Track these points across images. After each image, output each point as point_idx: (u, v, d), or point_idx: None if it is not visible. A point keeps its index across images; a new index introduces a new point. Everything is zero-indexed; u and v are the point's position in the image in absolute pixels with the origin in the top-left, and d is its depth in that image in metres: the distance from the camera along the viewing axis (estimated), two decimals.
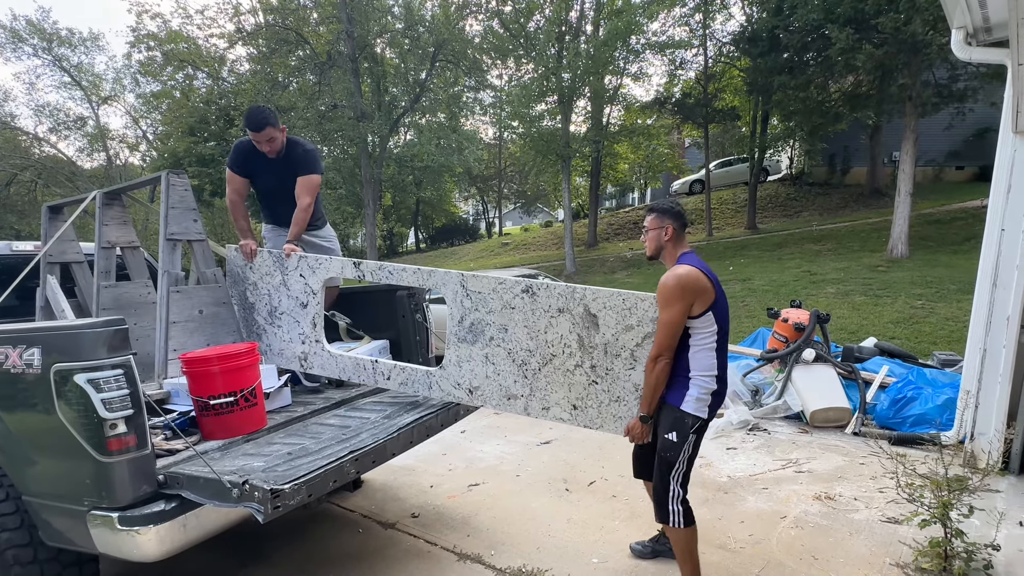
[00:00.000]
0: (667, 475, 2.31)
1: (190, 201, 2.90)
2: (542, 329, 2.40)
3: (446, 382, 2.62)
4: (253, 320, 3.07)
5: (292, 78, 19.27)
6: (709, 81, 18.67)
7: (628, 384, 2.33)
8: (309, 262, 2.86)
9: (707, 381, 2.27)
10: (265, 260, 2.99)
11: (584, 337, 2.34)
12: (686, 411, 2.26)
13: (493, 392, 2.52)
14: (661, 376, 2.22)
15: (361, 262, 2.76)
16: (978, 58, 3.56)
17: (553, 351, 2.40)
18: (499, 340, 2.47)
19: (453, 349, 2.58)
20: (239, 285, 3.08)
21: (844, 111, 14.57)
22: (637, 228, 22.57)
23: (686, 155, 28.51)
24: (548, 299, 2.37)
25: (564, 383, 2.41)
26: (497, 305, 2.45)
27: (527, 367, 2.44)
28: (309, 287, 2.86)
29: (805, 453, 4.11)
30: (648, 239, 2.42)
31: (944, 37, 8.67)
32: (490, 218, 38.08)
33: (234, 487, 1.84)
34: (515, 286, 2.42)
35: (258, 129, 2.92)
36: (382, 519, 3.46)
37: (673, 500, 2.31)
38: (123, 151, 27.32)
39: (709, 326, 2.25)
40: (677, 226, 2.36)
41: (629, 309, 2.27)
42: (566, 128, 17.48)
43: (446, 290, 2.56)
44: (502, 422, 5.29)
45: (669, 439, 2.28)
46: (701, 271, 2.23)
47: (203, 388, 2.31)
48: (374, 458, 2.25)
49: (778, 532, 3.04)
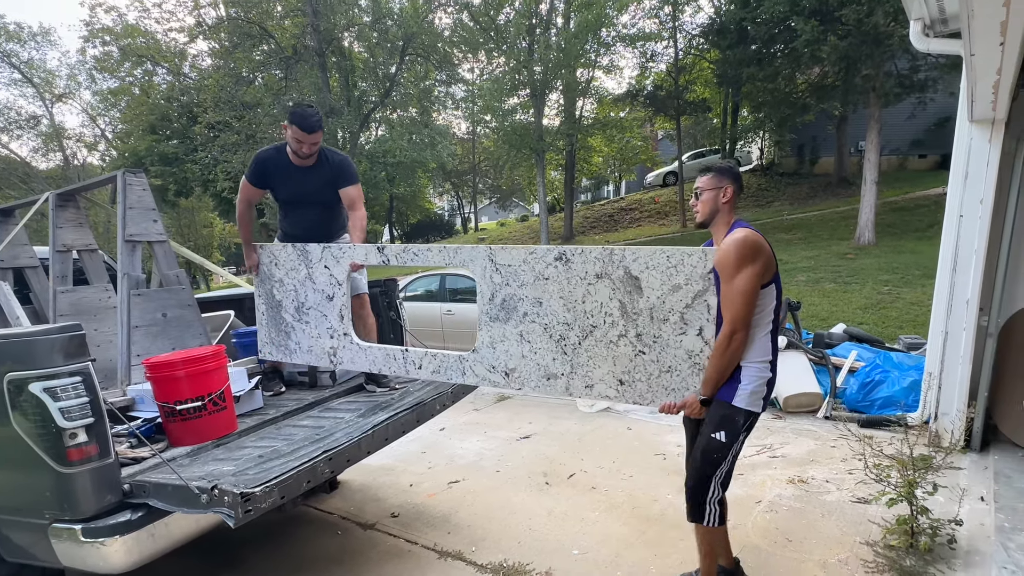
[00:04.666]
0: (710, 475, 2.12)
1: (149, 201, 2.80)
2: (579, 299, 2.21)
3: (480, 366, 2.44)
4: (281, 319, 2.95)
5: (257, 73, 18.82)
6: (680, 73, 18.88)
7: (680, 352, 2.10)
8: (332, 251, 2.72)
9: (761, 369, 2.05)
10: (290, 254, 2.85)
11: (626, 303, 2.14)
12: (738, 407, 2.04)
13: (531, 373, 2.34)
14: (737, 354, 1.99)
15: (385, 246, 2.63)
16: (935, 49, 3.65)
17: (593, 322, 2.20)
18: (534, 315, 2.29)
19: (485, 329, 2.40)
20: (266, 283, 2.96)
21: (811, 102, 14.91)
22: (613, 221, 22.75)
23: (659, 147, 28.83)
24: (584, 265, 2.18)
25: (608, 356, 2.20)
26: (529, 277, 2.27)
27: (566, 342, 2.26)
28: (334, 278, 2.73)
29: (779, 438, 4.20)
30: (702, 202, 2.18)
31: (904, 29, 8.89)
32: (465, 213, 37.93)
33: (203, 493, 1.80)
34: (547, 254, 2.24)
35: (311, 131, 2.71)
36: (361, 520, 3.41)
37: (711, 500, 2.15)
38: (81, 151, 26.37)
39: (770, 301, 2.04)
40: (736, 188, 2.15)
41: (675, 267, 2.05)
42: (539, 122, 17.49)
43: (474, 266, 2.39)
44: (482, 418, 5.28)
45: (717, 439, 2.07)
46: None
47: (169, 393, 2.24)
48: (348, 457, 2.22)
49: (753, 516, 3.10)
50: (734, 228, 2.09)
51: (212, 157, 17.91)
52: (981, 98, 3.05)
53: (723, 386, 2.06)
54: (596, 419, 4.97)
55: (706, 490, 2.14)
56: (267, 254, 2.95)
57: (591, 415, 5.08)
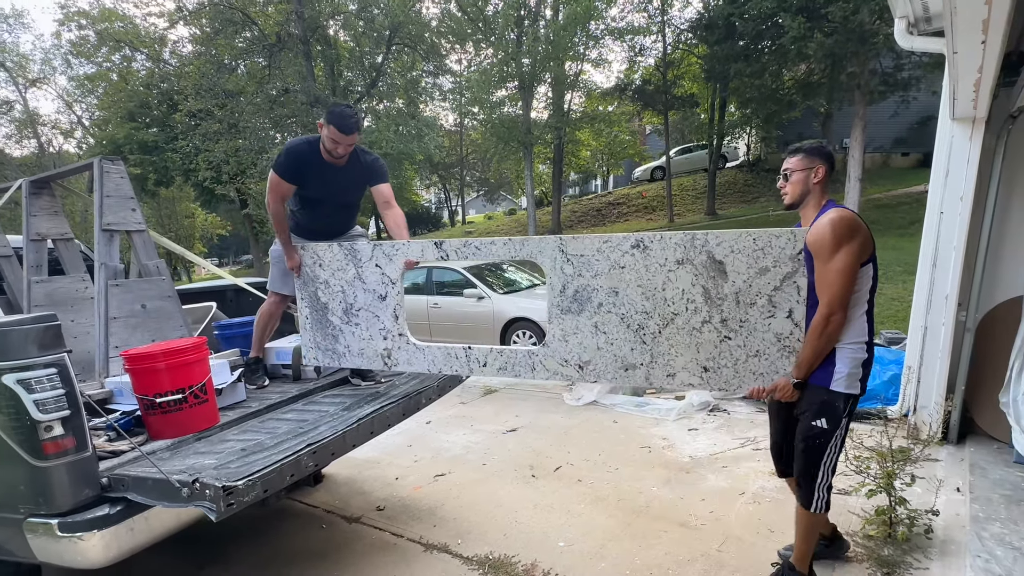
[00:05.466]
0: (817, 461, 2.10)
1: (127, 189, 2.73)
2: (659, 286, 2.15)
3: (551, 360, 2.38)
4: (327, 322, 2.81)
5: (240, 60, 18.44)
6: (668, 68, 18.93)
7: (768, 335, 2.05)
8: (384, 249, 2.60)
9: (857, 350, 2.01)
10: (336, 254, 2.72)
11: (710, 288, 2.08)
12: (837, 391, 2.01)
13: (607, 365, 2.29)
14: (834, 335, 1.96)
15: (443, 242, 2.48)
16: (919, 47, 3.69)
17: (674, 309, 2.15)
18: (609, 305, 2.23)
19: (556, 323, 2.33)
20: (309, 286, 2.82)
21: (797, 98, 15.06)
22: (601, 215, 22.81)
23: (647, 142, 28.90)
24: (663, 251, 2.12)
25: (691, 344, 2.15)
26: (604, 267, 2.21)
27: (645, 331, 2.20)
28: (387, 276, 2.62)
29: (762, 431, 4.25)
30: (791, 183, 2.14)
31: (889, 27, 8.99)
32: (453, 206, 37.75)
33: (184, 486, 1.78)
34: (623, 242, 2.17)
35: (349, 132, 2.62)
36: (346, 513, 3.39)
37: (820, 487, 2.13)
38: (56, 137, 25.71)
39: (867, 281, 2.00)
40: (828, 168, 2.09)
41: (762, 249, 2.00)
42: (527, 114, 17.43)
43: (543, 258, 2.31)
44: (468, 411, 5.27)
45: (818, 426, 2.05)
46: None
47: (148, 386, 2.19)
48: (333, 450, 2.20)
49: (737, 508, 3.14)
50: (827, 208, 2.05)
51: (193, 146, 17.57)
52: (962, 96, 3.09)
53: (817, 370, 2.03)
54: (583, 412, 4.99)
55: (815, 476, 2.12)
56: (310, 255, 2.79)
57: (578, 408, 5.10)
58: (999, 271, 3.65)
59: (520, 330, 6.90)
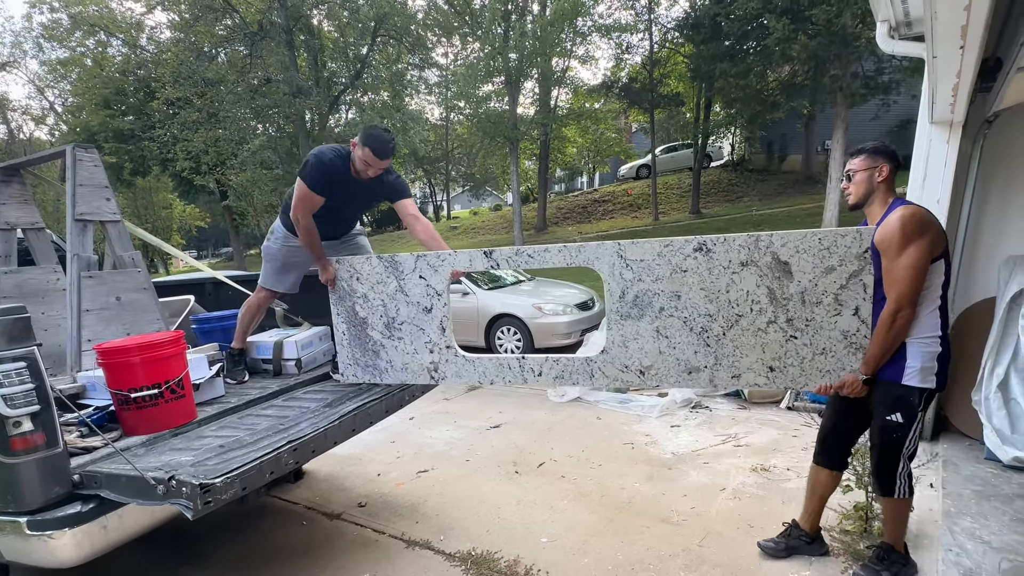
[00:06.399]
0: (896, 453, 2.16)
1: (101, 178, 2.65)
2: (723, 288, 2.16)
3: (611, 367, 2.36)
4: (367, 336, 2.73)
5: (220, 49, 18.02)
6: (654, 66, 18.99)
7: (835, 333, 2.08)
8: (429, 260, 2.52)
9: (929, 344, 2.04)
10: (375, 267, 2.63)
11: (775, 289, 2.10)
12: (911, 386, 2.05)
13: (669, 368, 2.29)
14: (903, 332, 2.00)
15: (493, 250, 2.41)
16: (900, 51, 3.74)
17: (739, 311, 2.16)
18: (671, 309, 2.23)
19: (616, 328, 2.32)
20: (346, 300, 2.72)
21: (781, 100, 15.20)
22: (587, 212, 22.87)
23: (633, 140, 29.02)
24: (727, 254, 2.13)
25: (756, 344, 2.17)
26: (665, 271, 2.20)
27: (708, 334, 2.21)
28: (432, 288, 2.54)
29: (743, 428, 4.31)
30: (855, 183, 2.15)
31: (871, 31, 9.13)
32: (438, 201, 37.54)
33: (159, 483, 1.74)
34: (685, 246, 2.16)
35: (386, 157, 2.55)
36: (327, 510, 3.36)
37: (901, 474, 2.19)
38: (27, 124, 24.93)
39: (939, 277, 2.01)
40: (892, 166, 2.11)
41: (827, 249, 2.02)
42: (514, 110, 17.35)
43: (600, 264, 2.28)
44: (452, 408, 5.25)
45: (893, 420, 2.10)
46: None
47: (122, 380, 2.13)
48: (314, 448, 2.16)
49: (717, 504, 3.17)
50: (895, 206, 2.07)
51: (171, 135, 17.14)
52: (941, 100, 3.14)
53: (887, 365, 2.06)
54: (566, 409, 5.00)
55: (895, 466, 2.18)
56: (346, 268, 2.69)
57: (561, 405, 5.11)
58: (974, 272, 3.73)
59: (505, 326, 6.89)
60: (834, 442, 2.45)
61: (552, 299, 7.00)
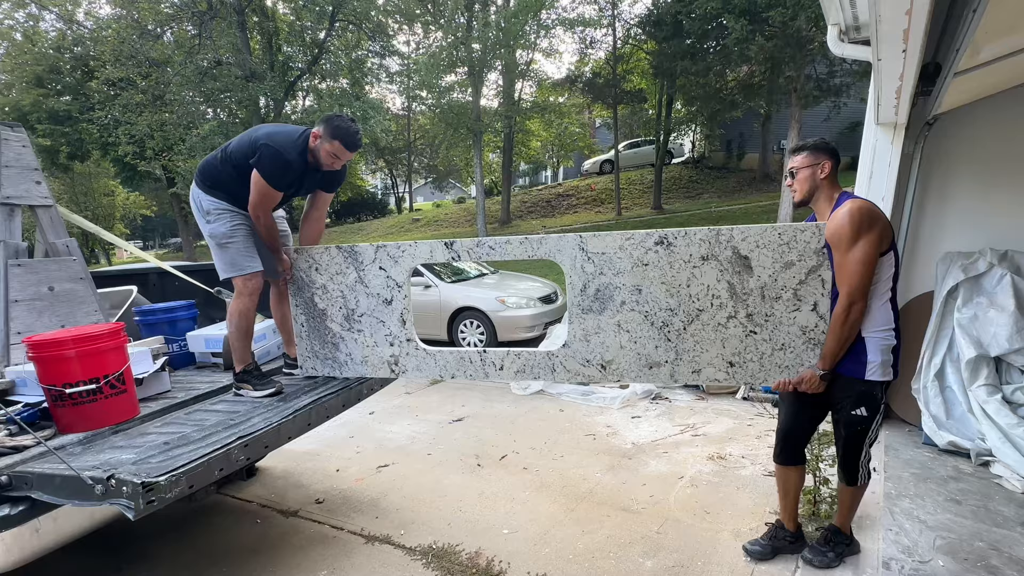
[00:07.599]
0: (860, 445, 2.23)
1: (30, 159, 2.46)
2: (684, 283, 2.15)
3: (572, 361, 2.34)
4: (326, 328, 2.64)
5: (166, 27, 17.11)
6: (618, 62, 19.18)
7: (793, 328, 2.10)
8: (389, 251, 2.46)
9: (886, 338, 2.08)
10: (334, 257, 2.54)
11: (735, 284, 2.10)
12: (873, 380, 2.09)
13: (630, 363, 2.27)
14: (856, 325, 2.02)
15: (454, 242, 2.37)
16: (849, 54, 3.88)
17: (700, 305, 2.15)
18: (632, 304, 2.21)
19: (577, 323, 2.28)
20: (304, 291, 2.63)
21: (739, 99, 15.63)
22: (550, 206, 22.96)
23: (596, 135, 29.28)
24: (688, 248, 2.12)
25: (716, 339, 2.17)
26: (626, 264, 2.18)
27: (669, 328, 2.20)
28: (392, 279, 2.48)
29: (701, 418, 4.42)
30: (798, 180, 2.18)
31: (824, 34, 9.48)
32: (400, 193, 36.93)
33: (97, 483, 1.64)
34: (647, 239, 2.15)
35: (356, 148, 2.48)
36: (283, 507, 3.26)
37: (863, 463, 2.25)
38: None
39: (889, 269, 2.05)
40: (834, 162, 2.14)
41: (787, 244, 2.03)
42: (477, 102, 17.21)
43: (562, 257, 2.25)
44: (413, 402, 5.18)
45: (859, 415, 2.16)
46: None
47: (56, 375, 2.00)
48: (267, 443, 2.08)
49: (676, 492, 3.24)
50: (842, 200, 2.09)
51: (112, 118, 16.18)
52: (886, 102, 3.28)
53: (847, 361, 2.08)
54: (529, 401, 5.01)
55: (859, 455, 2.24)
56: (304, 259, 2.59)
57: (525, 397, 5.12)
58: (914, 267, 3.93)
59: (468, 319, 6.84)
60: (795, 440, 2.48)
61: (515, 292, 6.99)
